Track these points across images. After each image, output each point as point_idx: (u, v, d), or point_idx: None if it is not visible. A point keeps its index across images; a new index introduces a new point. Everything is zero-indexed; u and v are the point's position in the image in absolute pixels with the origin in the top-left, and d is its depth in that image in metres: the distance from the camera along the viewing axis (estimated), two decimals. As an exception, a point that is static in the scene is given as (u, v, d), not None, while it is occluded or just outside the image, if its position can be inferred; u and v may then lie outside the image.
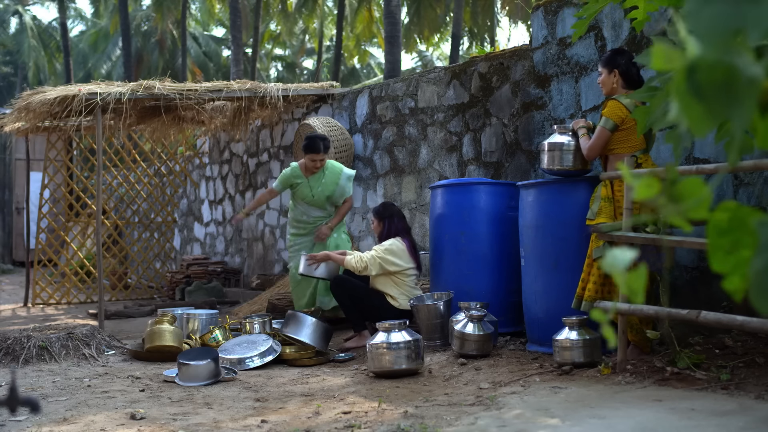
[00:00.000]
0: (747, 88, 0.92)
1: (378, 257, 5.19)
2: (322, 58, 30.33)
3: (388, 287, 5.25)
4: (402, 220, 5.45)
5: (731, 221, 0.98)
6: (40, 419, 3.53)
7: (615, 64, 4.20)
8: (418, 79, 6.99)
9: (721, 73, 0.94)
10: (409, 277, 5.32)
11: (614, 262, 1.01)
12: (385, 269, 5.21)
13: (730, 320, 3.13)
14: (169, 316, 5.54)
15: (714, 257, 0.99)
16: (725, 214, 0.99)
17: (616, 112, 4.08)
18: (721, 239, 0.98)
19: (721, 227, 0.99)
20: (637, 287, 1.01)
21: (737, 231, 0.98)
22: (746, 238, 0.97)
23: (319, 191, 6.07)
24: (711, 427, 2.65)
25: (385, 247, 5.25)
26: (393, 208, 5.50)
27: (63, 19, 25.58)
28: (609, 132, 4.11)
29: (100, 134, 7.45)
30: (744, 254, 0.97)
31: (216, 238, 10.75)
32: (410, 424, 3.08)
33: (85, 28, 34.20)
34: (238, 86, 7.96)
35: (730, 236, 0.98)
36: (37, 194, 11.70)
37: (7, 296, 11.55)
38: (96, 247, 7.83)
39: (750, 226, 0.97)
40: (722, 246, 0.98)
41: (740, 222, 0.98)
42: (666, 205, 1.00)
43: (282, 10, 25.93)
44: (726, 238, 0.98)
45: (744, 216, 0.98)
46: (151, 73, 25.01)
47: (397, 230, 5.36)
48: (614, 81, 4.21)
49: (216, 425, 3.37)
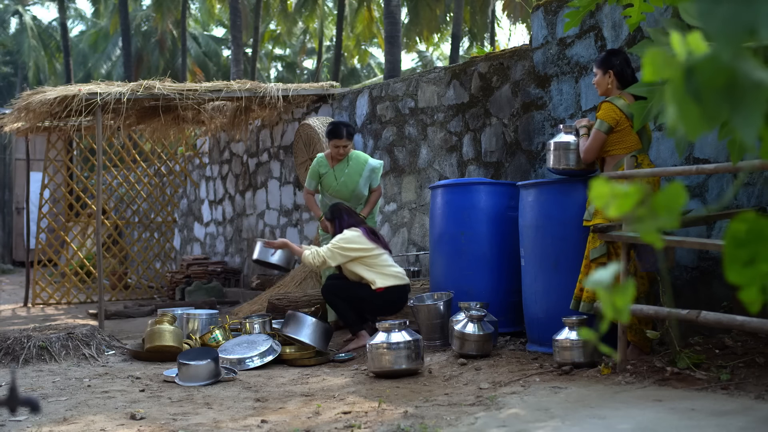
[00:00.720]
0: (753, 93, 0.91)
1: (335, 248, 5.19)
2: (322, 58, 30.33)
3: (362, 272, 5.23)
4: (352, 216, 5.46)
5: (749, 233, 0.96)
6: (40, 419, 3.53)
7: (610, 65, 4.20)
8: (418, 79, 6.99)
9: (723, 76, 0.93)
10: (379, 258, 5.26)
11: (597, 282, 1.00)
12: (348, 256, 5.20)
13: (730, 320, 3.13)
14: (169, 316, 5.54)
15: (730, 269, 0.97)
16: (744, 225, 0.97)
17: (610, 114, 4.08)
18: (739, 251, 0.97)
19: (738, 238, 0.97)
20: (623, 306, 1.00)
21: (755, 243, 0.96)
22: (765, 251, 0.95)
23: (343, 181, 5.97)
24: (711, 427, 2.65)
25: (338, 237, 5.27)
26: (341, 206, 5.54)
27: (63, 19, 25.58)
28: (604, 134, 4.11)
29: (100, 134, 7.45)
30: (762, 268, 0.96)
31: (216, 238, 10.76)
32: (410, 424, 3.08)
33: (85, 28, 34.21)
34: (238, 86, 7.96)
35: (748, 248, 0.96)
36: (37, 194, 11.70)
37: (7, 296, 11.55)
38: (96, 247, 7.83)
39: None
40: (740, 258, 0.97)
41: (759, 234, 0.96)
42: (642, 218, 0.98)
43: (282, 10, 25.94)
44: (744, 250, 0.96)
45: (763, 228, 0.96)
46: (151, 73, 25.01)
47: (348, 224, 5.38)
48: (609, 82, 4.21)
49: (216, 425, 3.37)
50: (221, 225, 10.58)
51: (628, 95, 4.11)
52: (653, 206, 0.97)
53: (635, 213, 0.98)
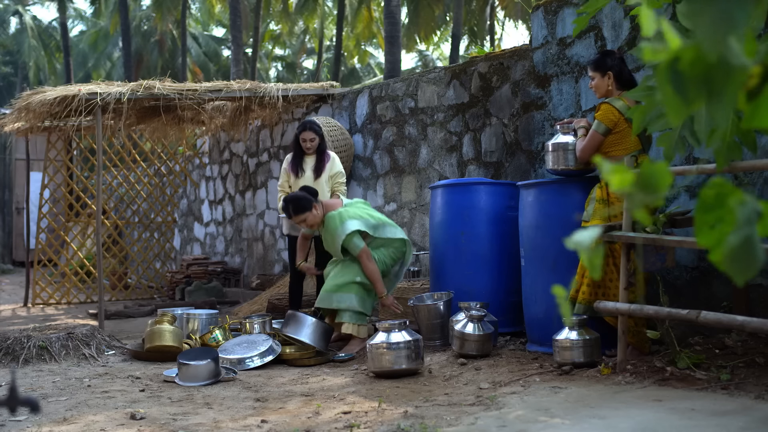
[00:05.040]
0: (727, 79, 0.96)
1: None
2: (322, 58, 30.33)
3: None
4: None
5: (717, 198, 1.03)
6: (40, 419, 3.53)
7: (608, 67, 4.19)
8: (418, 79, 6.99)
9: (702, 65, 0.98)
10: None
11: (579, 240, 1.08)
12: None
13: (730, 320, 3.13)
14: (169, 316, 5.54)
15: (699, 232, 1.04)
16: (713, 190, 1.04)
17: (608, 116, 4.08)
18: (707, 215, 1.04)
19: (707, 203, 1.04)
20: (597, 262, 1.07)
21: (721, 208, 1.03)
22: (729, 216, 1.02)
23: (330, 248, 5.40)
24: (711, 427, 2.65)
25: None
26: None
27: (63, 19, 25.59)
28: (601, 136, 4.11)
29: (100, 134, 7.45)
30: (725, 229, 1.03)
31: (216, 238, 10.76)
32: (410, 424, 3.08)
33: (85, 28, 34.23)
34: (238, 86, 7.96)
35: (715, 213, 1.03)
36: (37, 194, 11.70)
37: (7, 296, 11.55)
38: (96, 247, 7.83)
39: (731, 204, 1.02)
40: (707, 221, 1.04)
41: (724, 199, 1.03)
42: (637, 194, 1.04)
43: (282, 10, 25.94)
44: (711, 214, 1.04)
45: (728, 193, 1.03)
46: (151, 73, 25.01)
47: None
48: (609, 83, 4.20)
49: (216, 425, 3.37)
50: (221, 225, 10.58)
51: (628, 97, 4.11)
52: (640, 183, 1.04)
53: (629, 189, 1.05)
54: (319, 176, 6.04)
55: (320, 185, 5.96)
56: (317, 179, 6.03)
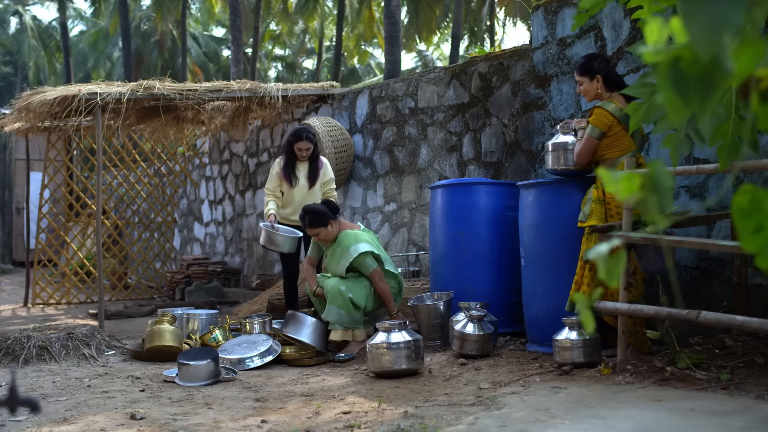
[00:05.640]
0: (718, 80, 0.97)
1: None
2: (322, 58, 30.33)
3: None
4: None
5: (752, 203, 1.04)
6: (40, 419, 3.53)
7: (595, 70, 4.19)
8: (418, 79, 6.99)
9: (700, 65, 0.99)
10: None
11: (598, 251, 1.09)
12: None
13: (730, 320, 3.13)
14: (169, 316, 5.54)
15: (743, 238, 1.04)
16: (746, 196, 1.04)
17: (602, 120, 4.08)
18: (746, 221, 1.04)
19: (744, 209, 1.04)
20: (615, 271, 1.08)
21: (759, 212, 1.04)
22: (766, 219, 1.03)
23: (329, 261, 5.38)
24: (711, 427, 2.65)
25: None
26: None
27: (63, 19, 25.58)
28: (595, 140, 4.11)
29: (100, 134, 7.45)
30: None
31: (216, 238, 10.76)
32: (410, 424, 3.08)
33: (85, 28, 34.24)
34: (238, 86, 7.96)
35: (753, 218, 1.04)
36: (37, 194, 11.70)
37: (7, 296, 11.55)
38: (96, 247, 7.83)
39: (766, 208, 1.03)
40: (748, 227, 1.04)
41: (759, 204, 1.03)
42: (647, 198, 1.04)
43: (282, 10, 25.94)
44: (750, 220, 1.04)
45: (762, 199, 1.03)
46: (151, 73, 25.01)
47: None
48: (598, 87, 4.21)
49: (216, 425, 3.37)
50: (221, 225, 10.58)
51: (620, 98, 4.11)
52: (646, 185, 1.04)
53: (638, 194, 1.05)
54: (313, 185, 6.10)
55: (314, 193, 6.06)
56: (312, 188, 6.08)
